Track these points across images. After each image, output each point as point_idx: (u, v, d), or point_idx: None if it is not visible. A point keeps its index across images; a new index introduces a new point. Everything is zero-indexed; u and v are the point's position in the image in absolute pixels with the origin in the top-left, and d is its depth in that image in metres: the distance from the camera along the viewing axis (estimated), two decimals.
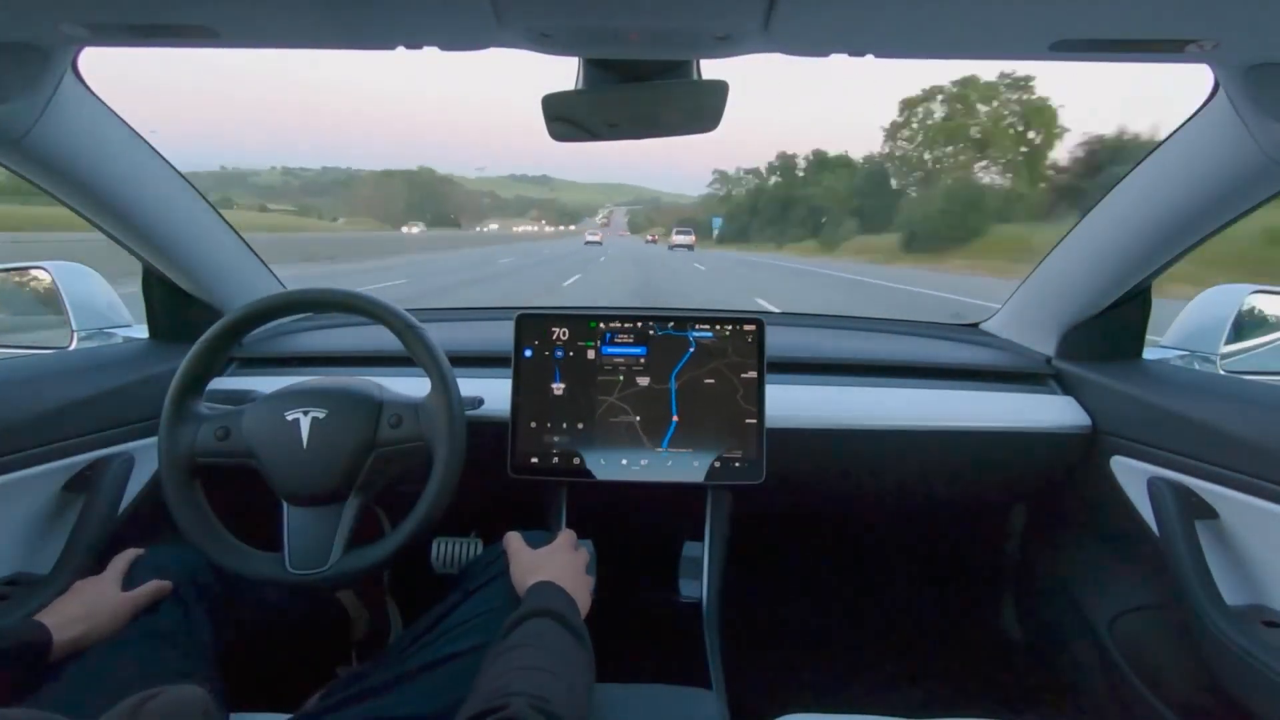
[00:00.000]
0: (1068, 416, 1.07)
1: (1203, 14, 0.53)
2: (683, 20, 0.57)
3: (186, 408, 0.84)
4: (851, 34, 0.59)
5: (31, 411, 0.85)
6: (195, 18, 0.57)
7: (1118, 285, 1.01)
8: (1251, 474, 0.80)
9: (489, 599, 0.77)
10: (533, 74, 23.04)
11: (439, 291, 10.87)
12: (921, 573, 1.48)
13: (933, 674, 1.33)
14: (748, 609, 1.33)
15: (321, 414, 0.83)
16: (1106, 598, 1.05)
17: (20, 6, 0.58)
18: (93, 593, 0.74)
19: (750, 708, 0.92)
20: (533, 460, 0.99)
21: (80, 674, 0.67)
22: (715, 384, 1.00)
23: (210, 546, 0.81)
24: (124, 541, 0.84)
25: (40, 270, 1.22)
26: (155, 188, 0.98)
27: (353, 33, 0.62)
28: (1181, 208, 0.86)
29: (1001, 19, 0.56)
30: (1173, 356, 1.17)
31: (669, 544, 1.06)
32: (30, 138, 0.76)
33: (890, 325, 1.39)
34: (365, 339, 1.17)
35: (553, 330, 1.01)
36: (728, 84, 0.71)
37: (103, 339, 1.20)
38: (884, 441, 1.08)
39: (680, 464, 0.98)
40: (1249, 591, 0.84)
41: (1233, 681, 0.80)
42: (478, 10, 0.54)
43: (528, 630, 0.63)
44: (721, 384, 1.00)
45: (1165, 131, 0.86)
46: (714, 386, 1.00)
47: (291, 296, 0.90)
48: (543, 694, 0.53)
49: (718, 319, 1.01)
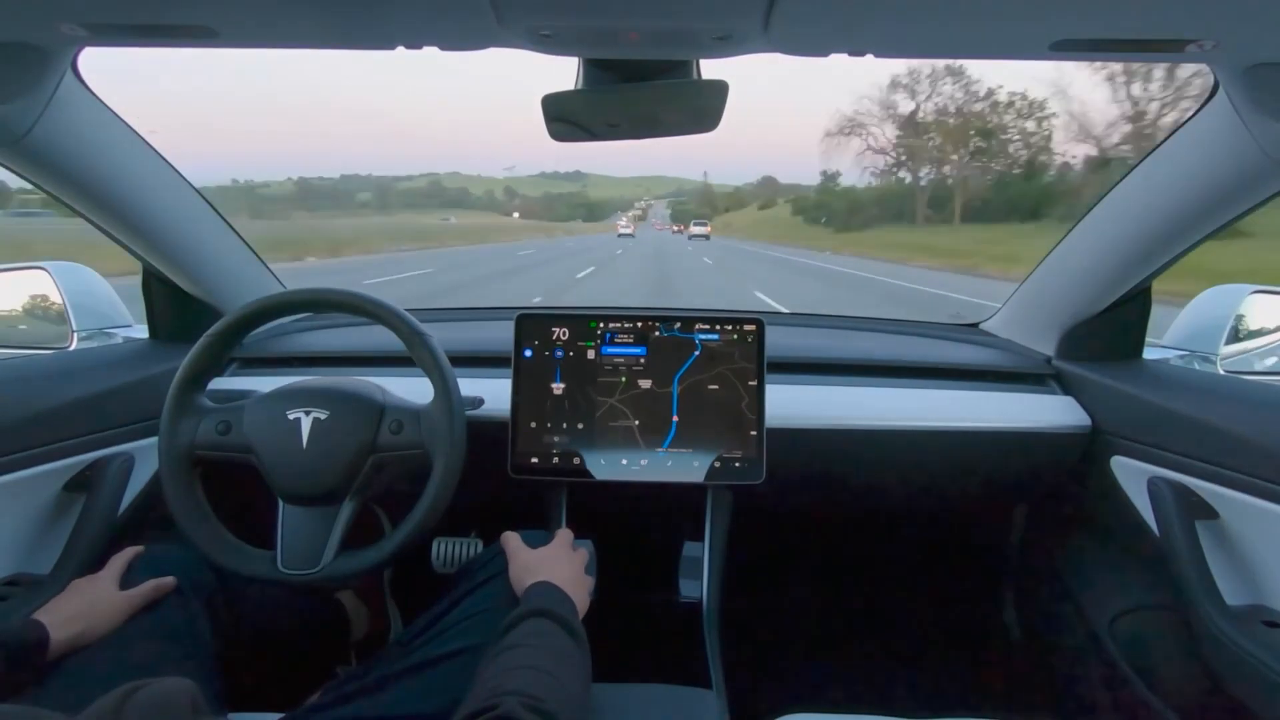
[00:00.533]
0: (1068, 416, 1.07)
1: (1203, 14, 0.53)
2: (683, 20, 0.57)
3: (188, 401, 0.84)
4: (851, 34, 0.59)
5: (32, 411, 0.85)
6: (195, 18, 0.57)
7: (1118, 285, 1.01)
8: (1252, 474, 0.80)
9: (487, 598, 0.77)
10: (560, 70, 22.35)
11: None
12: (921, 573, 1.48)
13: (933, 674, 1.33)
14: (748, 609, 1.33)
15: (323, 415, 0.83)
16: (1106, 597, 1.05)
17: (20, 6, 0.58)
18: (90, 591, 0.74)
19: (750, 708, 0.92)
20: (533, 460, 0.99)
21: (78, 672, 0.67)
22: (715, 384, 1.00)
23: (204, 541, 0.81)
24: (124, 541, 0.84)
25: (40, 270, 1.22)
26: (155, 188, 0.98)
27: (352, 33, 0.62)
28: (1181, 207, 0.86)
29: (1002, 19, 0.56)
30: (1173, 356, 1.17)
31: (669, 544, 1.06)
32: (30, 138, 0.76)
33: (890, 325, 1.39)
34: (365, 339, 1.17)
35: (553, 330, 1.01)
36: (728, 84, 0.71)
37: (103, 339, 1.20)
38: (884, 442, 1.08)
39: (680, 464, 0.98)
40: (1249, 591, 0.84)
41: (1233, 681, 0.80)
42: (478, 10, 0.54)
43: (524, 630, 0.63)
44: (721, 384, 1.00)
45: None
46: (714, 386, 1.00)
47: (293, 296, 0.90)
48: (536, 693, 0.53)
49: (718, 319, 1.01)
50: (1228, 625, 0.79)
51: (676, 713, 0.77)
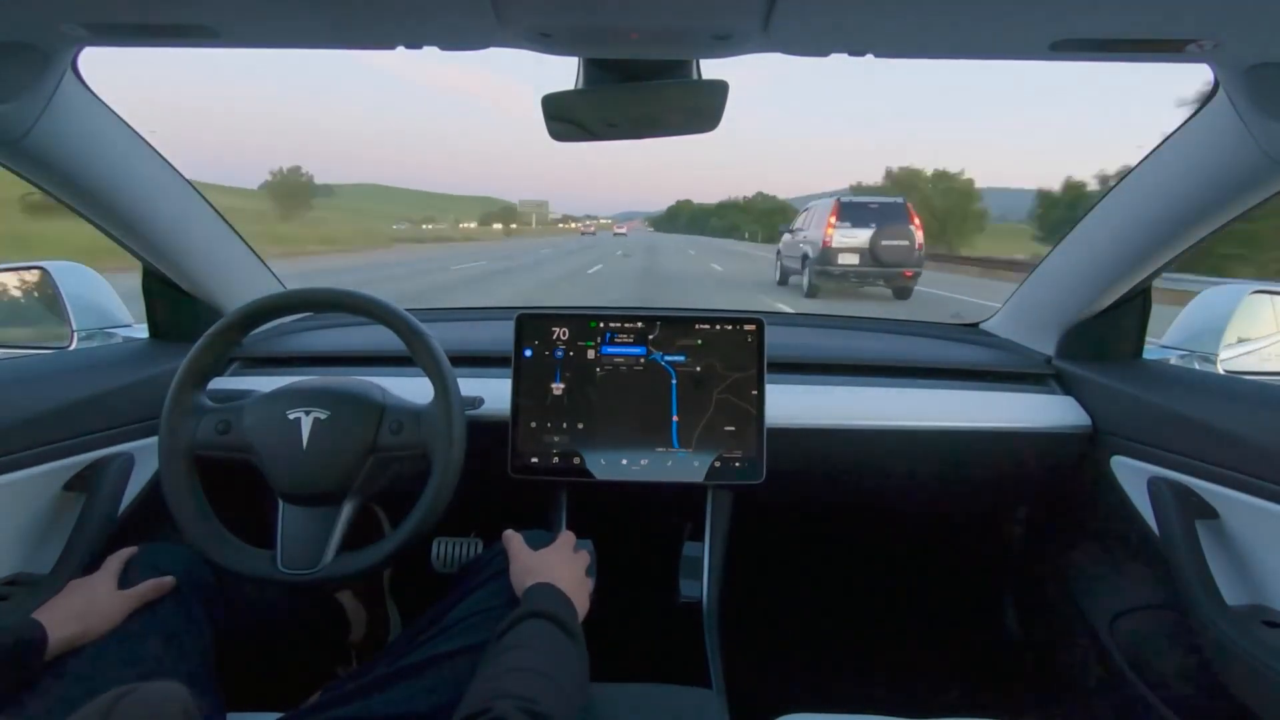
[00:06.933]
0: (1068, 416, 1.07)
1: (1203, 14, 0.53)
2: (682, 20, 0.57)
3: (188, 401, 0.84)
4: (851, 34, 0.59)
5: (31, 411, 0.85)
6: (195, 17, 0.57)
7: (1118, 285, 1.01)
8: (1252, 474, 0.80)
9: (487, 598, 0.77)
10: (561, 72, 22.46)
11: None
12: (921, 573, 1.48)
13: (933, 674, 1.33)
14: (748, 609, 1.33)
15: (323, 415, 0.83)
16: (1106, 598, 1.05)
17: (20, 6, 0.57)
18: (89, 591, 0.74)
19: (750, 708, 0.92)
20: (533, 460, 0.99)
21: (76, 672, 0.67)
22: (715, 384, 1.00)
23: (204, 540, 0.81)
24: (124, 541, 0.84)
25: (40, 270, 1.22)
26: (155, 188, 0.98)
27: (352, 32, 0.62)
28: (1181, 207, 0.86)
29: (1002, 19, 0.56)
30: (1172, 356, 1.17)
31: (669, 544, 1.06)
32: (30, 138, 0.76)
33: (890, 325, 1.39)
34: (365, 339, 1.17)
35: (553, 330, 1.01)
36: (727, 84, 0.71)
37: (103, 339, 1.20)
38: (884, 441, 1.08)
39: (680, 464, 0.98)
40: (1249, 591, 0.84)
41: (1233, 681, 0.80)
42: (478, 10, 0.54)
43: (522, 632, 0.63)
44: (721, 384, 1.00)
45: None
46: (714, 386, 1.00)
47: (293, 296, 0.90)
48: (531, 695, 0.53)
49: (718, 319, 1.01)
50: (1228, 625, 0.79)
51: (676, 713, 0.77)
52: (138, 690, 0.48)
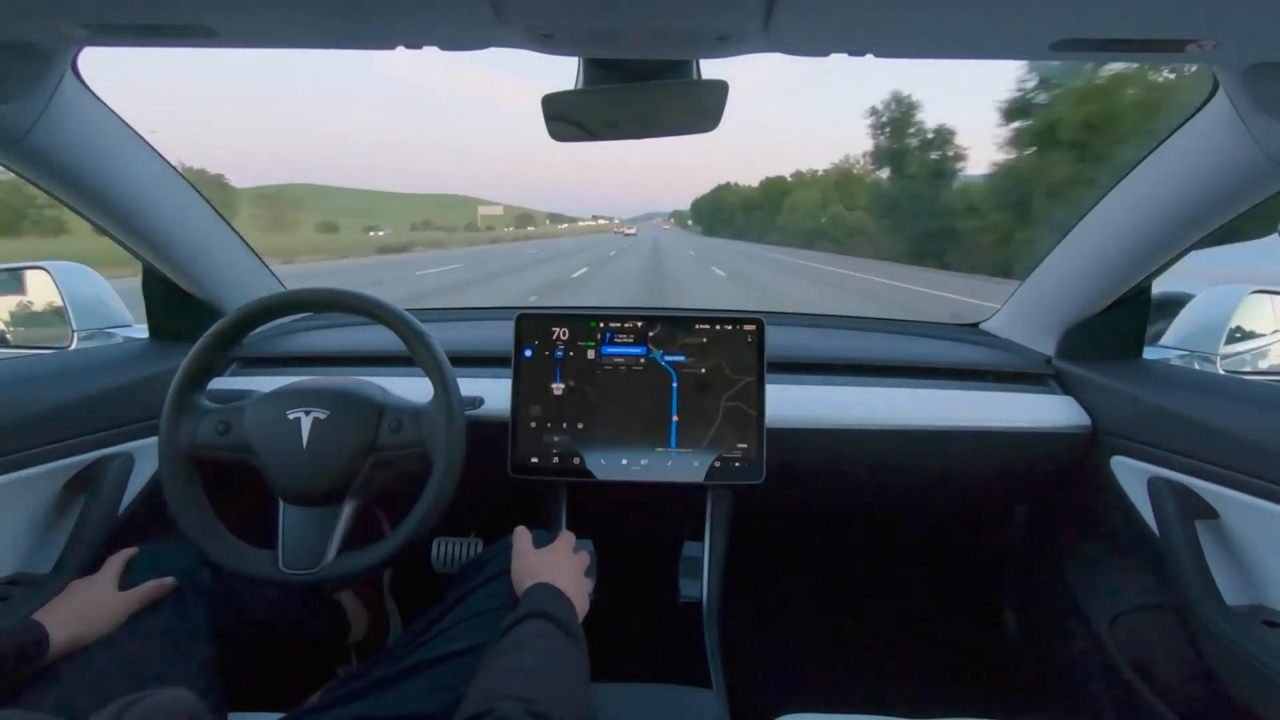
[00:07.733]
0: (1068, 416, 1.07)
1: (1203, 14, 0.53)
2: (683, 19, 0.57)
3: (188, 401, 0.84)
4: (851, 34, 0.59)
5: (32, 411, 0.85)
6: (194, 17, 0.57)
7: (1117, 285, 1.01)
8: (1251, 474, 0.80)
9: (488, 598, 0.77)
10: (561, 73, 22.40)
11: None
12: (921, 572, 1.48)
13: (933, 674, 1.33)
14: (748, 609, 1.33)
15: (323, 415, 0.83)
16: (1106, 598, 1.05)
17: (20, 6, 0.57)
18: (89, 592, 0.74)
19: (750, 708, 0.92)
20: (533, 460, 0.99)
21: (77, 673, 0.67)
22: (715, 384, 1.00)
23: (205, 541, 0.81)
24: (124, 542, 0.84)
25: (40, 270, 1.22)
26: (155, 188, 0.97)
27: (352, 32, 0.62)
28: (1181, 207, 0.86)
29: (1002, 19, 0.56)
30: (1172, 356, 1.17)
31: (669, 544, 1.06)
32: (30, 138, 0.76)
33: (890, 325, 1.39)
34: (365, 339, 1.17)
35: (553, 330, 1.01)
36: (727, 84, 0.71)
37: (103, 339, 1.20)
38: (884, 441, 1.08)
39: (680, 464, 0.98)
40: (1249, 591, 0.84)
41: (1233, 681, 0.80)
42: (478, 10, 0.53)
43: (523, 632, 0.63)
44: (722, 384, 1.00)
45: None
46: (714, 386, 1.00)
47: (293, 296, 0.90)
48: (532, 696, 0.53)
49: (718, 319, 1.01)
50: (1228, 625, 0.79)
51: (676, 712, 0.77)
52: (147, 698, 0.48)
